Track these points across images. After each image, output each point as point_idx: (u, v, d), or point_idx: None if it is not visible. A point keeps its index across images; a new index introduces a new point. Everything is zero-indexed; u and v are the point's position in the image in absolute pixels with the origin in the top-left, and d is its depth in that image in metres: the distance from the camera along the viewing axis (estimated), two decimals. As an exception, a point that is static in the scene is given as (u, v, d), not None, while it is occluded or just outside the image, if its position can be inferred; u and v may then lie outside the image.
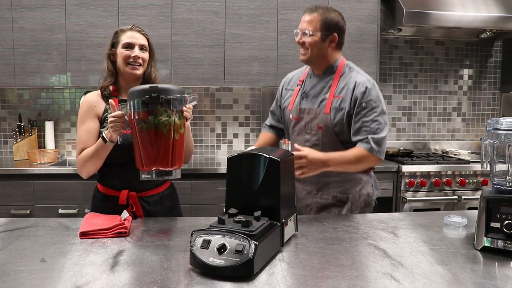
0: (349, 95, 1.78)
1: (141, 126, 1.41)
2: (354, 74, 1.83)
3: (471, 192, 3.04)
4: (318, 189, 1.89)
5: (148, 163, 1.45)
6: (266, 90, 3.49)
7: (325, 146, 1.82)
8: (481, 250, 1.31)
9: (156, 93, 1.38)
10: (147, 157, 1.44)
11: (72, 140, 3.42)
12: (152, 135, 1.41)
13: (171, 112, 1.42)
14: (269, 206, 1.28)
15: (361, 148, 1.75)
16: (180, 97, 1.45)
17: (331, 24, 1.79)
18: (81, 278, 1.09)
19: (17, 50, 2.94)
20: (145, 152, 1.44)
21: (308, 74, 1.95)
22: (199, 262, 1.10)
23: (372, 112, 1.76)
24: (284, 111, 2.00)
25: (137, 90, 1.42)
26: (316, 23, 1.78)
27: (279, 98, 2.07)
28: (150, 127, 1.40)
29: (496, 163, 1.39)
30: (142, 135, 1.42)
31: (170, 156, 1.45)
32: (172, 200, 1.88)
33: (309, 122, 1.85)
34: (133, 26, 1.77)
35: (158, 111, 1.40)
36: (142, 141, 1.43)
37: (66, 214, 2.71)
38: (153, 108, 1.40)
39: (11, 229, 1.49)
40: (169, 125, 1.42)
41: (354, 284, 1.07)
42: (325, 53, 1.82)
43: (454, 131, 3.79)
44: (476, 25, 3.11)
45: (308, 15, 1.81)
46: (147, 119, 1.40)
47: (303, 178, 1.82)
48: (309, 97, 1.89)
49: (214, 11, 3.05)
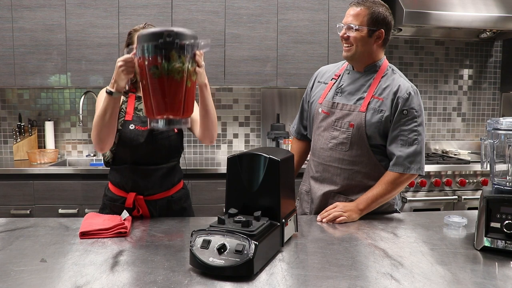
0: (390, 98, 1.68)
1: (152, 71, 1.31)
2: (397, 77, 1.73)
3: (471, 192, 3.04)
4: (338, 191, 1.76)
5: (159, 111, 1.34)
6: (266, 90, 3.49)
7: (353, 146, 1.71)
8: (481, 250, 1.31)
9: (171, 38, 1.28)
10: (158, 104, 1.34)
11: (72, 140, 3.42)
12: (165, 82, 1.31)
13: (184, 58, 1.33)
14: (269, 206, 1.27)
15: (392, 173, 1.67)
16: (194, 42, 1.35)
17: (379, 19, 1.69)
18: (81, 278, 1.09)
19: (17, 50, 2.94)
20: (155, 99, 1.34)
21: (346, 70, 1.83)
22: (199, 262, 1.10)
23: (412, 122, 1.66)
24: (312, 104, 1.88)
25: (150, 33, 1.31)
26: (363, 17, 1.68)
27: (309, 92, 1.94)
28: (163, 73, 1.30)
29: (496, 163, 1.39)
30: (153, 81, 1.32)
31: (182, 103, 1.36)
32: (183, 204, 1.84)
33: (340, 119, 1.74)
34: (146, 25, 1.74)
35: (171, 57, 1.30)
36: (154, 88, 1.33)
37: (66, 214, 2.72)
38: (167, 53, 1.29)
39: (11, 229, 1.49)
40: (182, 71, 1.33)
41: (354, 284, 1.07)
42: (370, 50, 1.72)
43: (454, 131, 3.79)
44: (476, 25, 3.11)
45: (354, 8, 1.70)
46: (160, 65, 1.30)
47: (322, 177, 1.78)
48: (344, 93, 1.77)
49: (214, 11, 3.05)
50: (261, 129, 3.53)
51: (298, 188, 1.93)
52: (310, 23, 3.12)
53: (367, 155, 1.71)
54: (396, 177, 1.67)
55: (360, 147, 1.70)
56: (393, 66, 1.79)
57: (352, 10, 1.71)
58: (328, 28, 3.13)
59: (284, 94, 3.52)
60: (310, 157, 1.90)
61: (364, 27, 1.68)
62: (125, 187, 1.73)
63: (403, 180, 1.67)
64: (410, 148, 1.66)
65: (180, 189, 1.84)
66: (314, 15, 3.12)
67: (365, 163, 1.72)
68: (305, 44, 3.13)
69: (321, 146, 1.79)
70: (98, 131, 1.58)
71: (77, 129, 3.41)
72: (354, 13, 1.70)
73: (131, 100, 1.76)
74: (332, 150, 1.75)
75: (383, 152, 1.73)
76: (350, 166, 1.72)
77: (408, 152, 1.66)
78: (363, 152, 1.70)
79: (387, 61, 1.80)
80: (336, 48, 3.15)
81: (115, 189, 1.76)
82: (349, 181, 1.74)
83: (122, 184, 1.74)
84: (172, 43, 1.29)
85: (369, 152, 1.70)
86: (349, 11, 1.72)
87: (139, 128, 1.70)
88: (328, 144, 1.76)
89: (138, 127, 1.70)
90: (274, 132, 3.25)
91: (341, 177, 1.74)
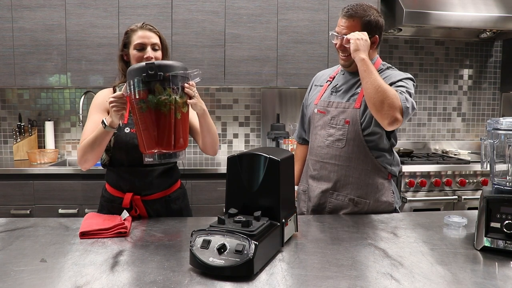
0: None
1: (140, 106, 1.33)
2: (392, 71, 1.76)
3: (471, 192, 3.04)
4: (335, 188, 1.78)
5: (150, 146, 1.36)
6: (266, 90, 3.49)
7: (349, 142, 1.74)
8: (481, 250, 1.30)
9: (154, 70, 1.30)
10: (149, 139, 1.36)
11: (72, 140, 3.42)
12: (153, 115, 1.33)
13: (170, 90, 1.33)
14: (269, 206, 1.27)
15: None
16: (182, 74, 1.36)
17: (372, 27, 1.71)
18: (81, 278, 1.09)
19: (17, 50, 2.94)
20: (146, 133, 1.36)
21: (340, 71, 1.87)
22: (199, 262, 1.10)
23: (400, 81, 1.68)
24: (308, 107, 1.92)
25: (134, 69, 1.34)
26: (357, 29, 1.69)
27: (307, 97, 1.99)
28: (150, 107, 1.32)
29: (496, 163, 1.39)
30: (142, 115, 1.34)
31: (172, 137, 1.36)
32: (180, 203, 1.83)
33: (335, 116, 1.77)
34: (143, 24, 1.70)
35: (156, 90, 1.31)
36: (143, 122, 1.35)
37: (66, 214, 2.71)
38: (151, 86, 1.31)
39: (11, 229, 1.49)
40: (169, 104, 1.33)
41: (354, 284, 1.07)
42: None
43: (454, 131, 3.79)
44: (476, 25, 3.11)
45: (347, 20, 1.71)
46: (146, 99, 1.31)
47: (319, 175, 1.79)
48: (339, 92, 1.81)
49: (214, 11, 3.05)
50: (261, 129, 3.53)
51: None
52: (310, 23, 3.12)
53: (363, 152, 1.73)
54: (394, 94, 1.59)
55: (356, 143, 1.73)
56: (388, 65, 1.82)
57: (345, 22, 1.71)
58: (328, 28, 3.13)
59: (284, 94, 3.52)
60: (308, 157, 1.92)
61: None
62: (122, 188, 1.73)
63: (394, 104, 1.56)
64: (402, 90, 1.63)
65: (177, 189, 1.84)
66: (314, 15, 3.12)
67: (361, 160, 1.74)
68: (305, 44, 3.13)
69: (318, 144, 1.82)
70: (84, 154, 1.60)
71: (77, 129, 3.41)
72: (349, 25, 1.70)
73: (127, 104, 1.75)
74: (328, 147, 1.78)
75: (379, 147, 1.75)
76: (347, 162, 1.75)
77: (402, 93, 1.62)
78: (360, 149, 1.73)
79: (380, 59, 1.83)
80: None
81: (112, 189, 1.76)
82: (346, 178, 1.76)
83: (119, 185, 1.73)
84: (155, 76, 1.30)
85: (365, 148, 1.73)
86: (342, 22, 1.72)
87: (134, 131, 1.66)
88: (325, 141, 1.79)
89: (133, 130, 1.67)
90: (274, 132, 3.25)
91: (338, 173, 1.75)
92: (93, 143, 1.56)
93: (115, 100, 1.43)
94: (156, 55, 1.68)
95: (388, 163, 1.78)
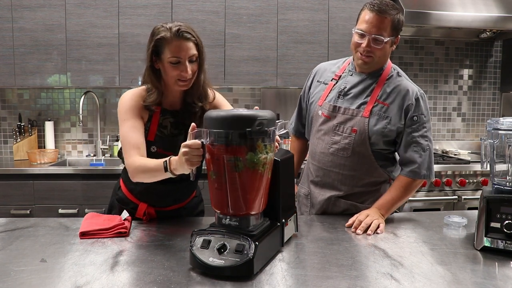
0: (397, 103, 1.62)
1: (234, 163, 1.11)
2: (403, 81, 1.66)
3: (471, 192, 3.03)
4: (341, 196, 1.72)
5: (237, 208, 1.15)
6: (266, 90, 3.49)
7: (355, 152, 1.65)
8: (481, 250, 1.31)
9: (260, 126, 1.10)
10: (236, 201, 1.14)
11: (72, 140, 3.42)
12: (248, 176, 1.12)
13: (270, 147, 1.15)
14: (269, 206, 1.27)
15: (407, 178, 1.64)
16: (280, 127, 1.19)
17: (399, 27, 1.59)
18: (81, 278, 1.09)
19: (17, 50, 2.94)
20: (234, 195, 1.14)
21: (349, 71, 1.74)
22: (199, 262, 1.10)
23: (422, 127, 1.63)
24: (311, 106, 1.80)
25: (230, 117, 1.10)
26: (388, 28, 1.56)
27: (307, 91, 1.86)
28: (247, 166, 1.11)
29: (496, 163, 1.39)
30: (233, 175, 1.12)
31: (262, 199, 1.19)
32: (193, 211, 1.76)
33: (342, 123, 1.67)
34: (179, 32, 1.43)
35: (258, 147, 1.11)
36: (232, 183, 1.13)
37: (66, 214, 2.71)
38: (254, 143, 1.11)
39: (11, 229, 1.49)
40: (266, 163, 1.15)
41: (354, 284, 1.07)
42: (386, 56, 1.65)
43: (454, 131, 3.79)
44: (476, 25, 3.10)
45: (379, 17, 1.54)
46: (244, 157, 1.10)
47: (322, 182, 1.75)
48: (348, 96, 1.69)
49: (214, 11, 3.05)
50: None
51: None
52: (310, 23, 3.12)
53: (369, 161, 1.68)
54: (410, 182, 1.64)
55: (362, 153, 1.66)
56: (398, 68, 1.72)
57: (377, 19, 1.55)
58: (328, 28, 3.13)
59: (284, 94, 3.52)
60: (309, 160, 1.85)
61: (389, 38, 1.58)
62: (137, 196, 1.65)
63: (416, 184, 1.66)
64: (423, 154, 1.63)
65: (192, 198, 1.76)
66: (314, 15, 3.12)
67: (366, 169, 1.69)
68: (305, 44, 3.13)
69: (321, 151, 1.73)
70: (137, 177, 1.45)
71: (77, 129, 3.41)
72: (379, 23, 1.55)
73: (156, 116, 1.55)
74: (333, 155, 1.70)
75: (385, 156, 1.71)
76: (352, 171, 1.69)
77: (422, 159, 1.63)
78: (366, 160, 1.67)
79: (391, 63, 1.73)
80: (336, 48, 3.15)
81: (127, 191, 1.66)
82: (351, 187, 1.71)
83: (135, 193, 1.65)
84: (262, 133, 1.10)
85: (371, 157, 1.67)
86: (373, 19, 1.55)
87: (161, 152, 1.52)
88: (329, 149, 1.70)
89: (160, 150, 1.53)
90: (274, 132, 3.23)
91: (343, 182, 1.71)
92: (150, 174, 1.40)
93: (190, 151, 1.18)
94: (193, 67, 1.49)
95: (391, 170, 1.75)
